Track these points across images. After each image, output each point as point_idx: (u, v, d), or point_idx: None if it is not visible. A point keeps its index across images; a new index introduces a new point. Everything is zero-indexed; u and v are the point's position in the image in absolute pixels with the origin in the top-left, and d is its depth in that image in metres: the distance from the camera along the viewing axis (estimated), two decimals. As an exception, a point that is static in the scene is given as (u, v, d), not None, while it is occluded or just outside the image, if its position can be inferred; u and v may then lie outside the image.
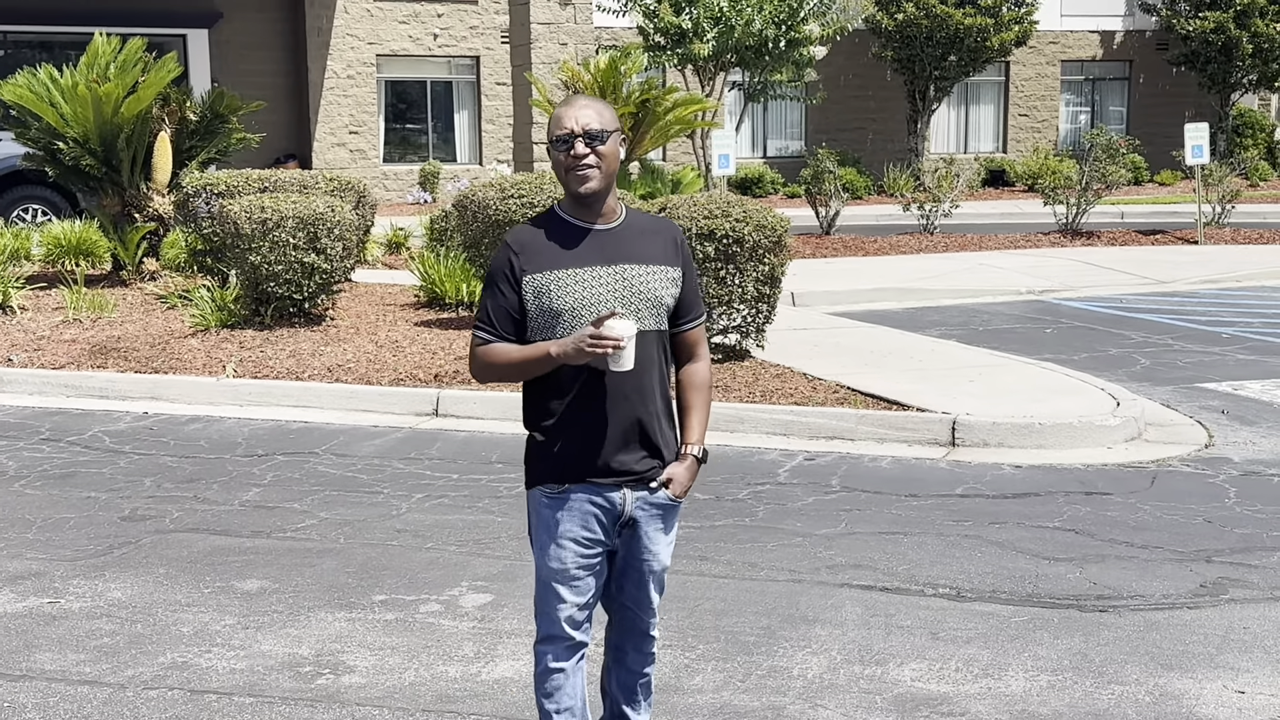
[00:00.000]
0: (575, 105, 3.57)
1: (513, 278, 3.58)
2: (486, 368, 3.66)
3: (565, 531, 3.63)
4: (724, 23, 19.35)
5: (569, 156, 3.52)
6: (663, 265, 3.63)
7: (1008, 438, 8.28)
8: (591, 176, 3.52)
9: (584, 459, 3.60)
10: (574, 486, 3.62)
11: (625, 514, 3.64)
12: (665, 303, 3.63)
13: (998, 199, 28.52)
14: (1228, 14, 31.10)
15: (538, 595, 3.73)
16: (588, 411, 3.57)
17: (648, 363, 3.58)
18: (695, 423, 3.72)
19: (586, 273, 3.56)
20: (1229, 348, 11.58)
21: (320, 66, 27.72)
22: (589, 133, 3.51)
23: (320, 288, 11.13)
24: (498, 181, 11.09)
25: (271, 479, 7.80)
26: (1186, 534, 6.57)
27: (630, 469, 3.62)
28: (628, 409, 3.58)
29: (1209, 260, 17.22)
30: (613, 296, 3.55)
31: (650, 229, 3.68)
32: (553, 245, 3.58)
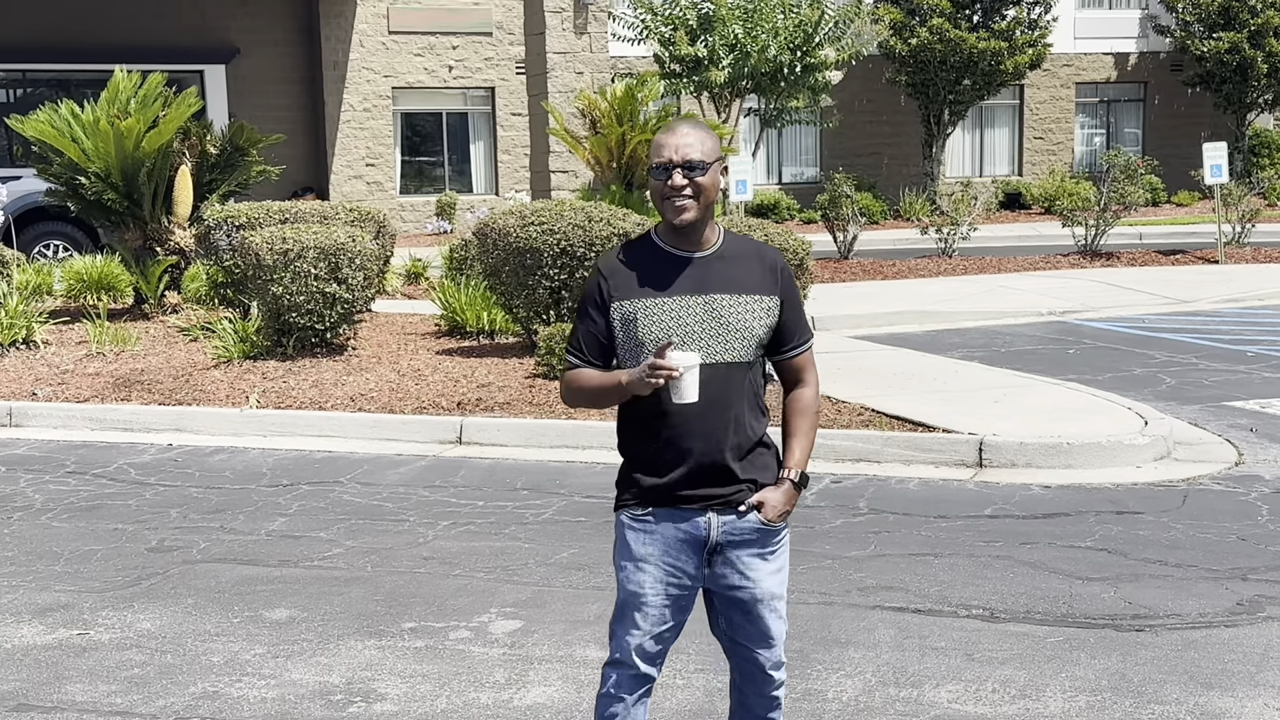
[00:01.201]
0: (677, 133, 3.52)
1: (601, 303, 3.56)
2: (570, 392, 3.66)
3: (646, 556, 3.57)
4: (739, 50, 19.41)
5: (666, 186, 3.49)
6: (757, 295, 3.56)
7: (1036, 458, 8.23)
8: (688, 208, 3.49)
9: (669, 485, 3.53)
10: (658, 511, 3.56)
11: (712, 540, 3.55)
12: (758, 333, 3.55)
13: (1014, 222, 28.48)
14: (1242, 34, 31.09)
15: (614, 617, 3.67)
16: (675, 439, 3.51)
17: (735, 394, 3.53)
18: (796, 447, 3.65)
19: (675, 302, 3.51)
20: (1254, 366, 11.51)
21: (336, 100, 27.87)
22: (688, 163, 3.47)
23: (342, 318, 11.14)
24: (517, 209, 11.10)
25: (297, 508, 7.79)
26: (1220, 552, 6.50)
27: (714, 494, 3.55)
28: (716, 439, 3.51)
29: (1230, 279, 17.15)
30: (700, 327, 3.50)
31: (747, 255, 3.61)
32: (643, 272, 3.55)
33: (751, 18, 19.38)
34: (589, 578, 6.39)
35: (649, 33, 20.01)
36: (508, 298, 11.20)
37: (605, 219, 10.86)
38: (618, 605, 3.65)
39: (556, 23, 18.26)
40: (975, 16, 29.18)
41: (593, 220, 10.81)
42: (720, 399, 3.51)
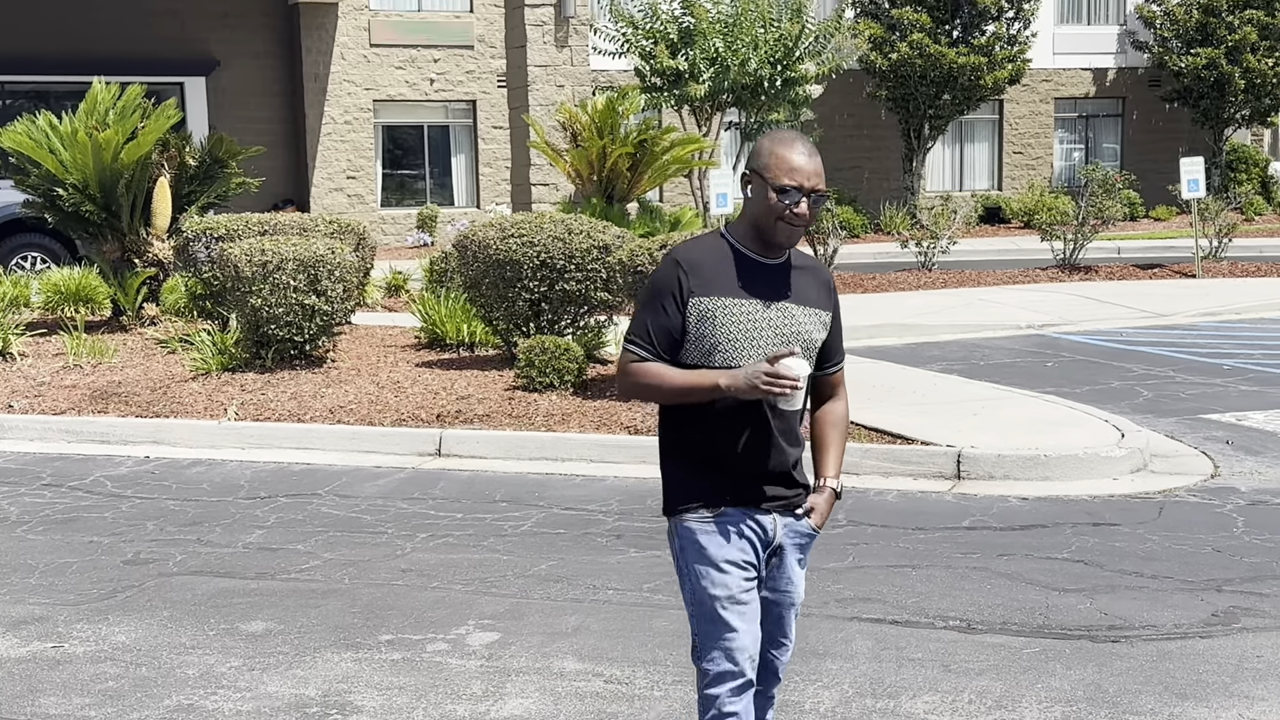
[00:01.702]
0: (809, 156, 3.49)
1: (679, 297, 3.49)
2: (639, 386, 3.54)
3: (728, 555, 3.53)
4: (720, 63, 19.47)
5: (791, 211, 3.46)
6: (817, 308, 3.59)
7: (1013, 470, 8.26)
8: (798, 235, 3.52)
9: (741, 487, 3.54)
10: (732, 511, 3.55)
11: (775, 540, 3.59)
12: (817, 344, 3.60)
13: (994, 236, 28.59)
14: (1219, 50, 31.31)
15: (702, 632, 3.56)
16: (745, 443, 3.51)
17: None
18: (833, 458, 3.70)
19: (751, 305, 3.50)
20: (1231, 379, 11.58)
21: (317, 112, 27.85)
22: (817, 193, 3.47)
23: (321, 330, 11.12)
24: (497, 221, 11.11)
25: (275, 521, 7.76)
26: (1196, 563, 6.53)
27: (779, 494, 3.58)
28: (781, 443, 3.54)
29: (1207, 293, 17.24)
30: (774, 334, 3.51)
31: (808, 268, 3.64)
32: (722, 271, 3.51)
33: (732, 31, 19.44)
34: (567, 590, 6.39)
35: (630, 46, 20.05)
36: (488, 310, 11.19)
37: (585, 231, 10.86)
38: (705, 617, 3.55)
39: (538, 36, 18.29)
40: (955, 32, 29.32)
41: (572, 233, 10.82)
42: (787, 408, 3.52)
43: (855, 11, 29.59)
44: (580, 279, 10.79)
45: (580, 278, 10.78)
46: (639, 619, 5.95)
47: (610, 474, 8.75)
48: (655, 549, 7.00)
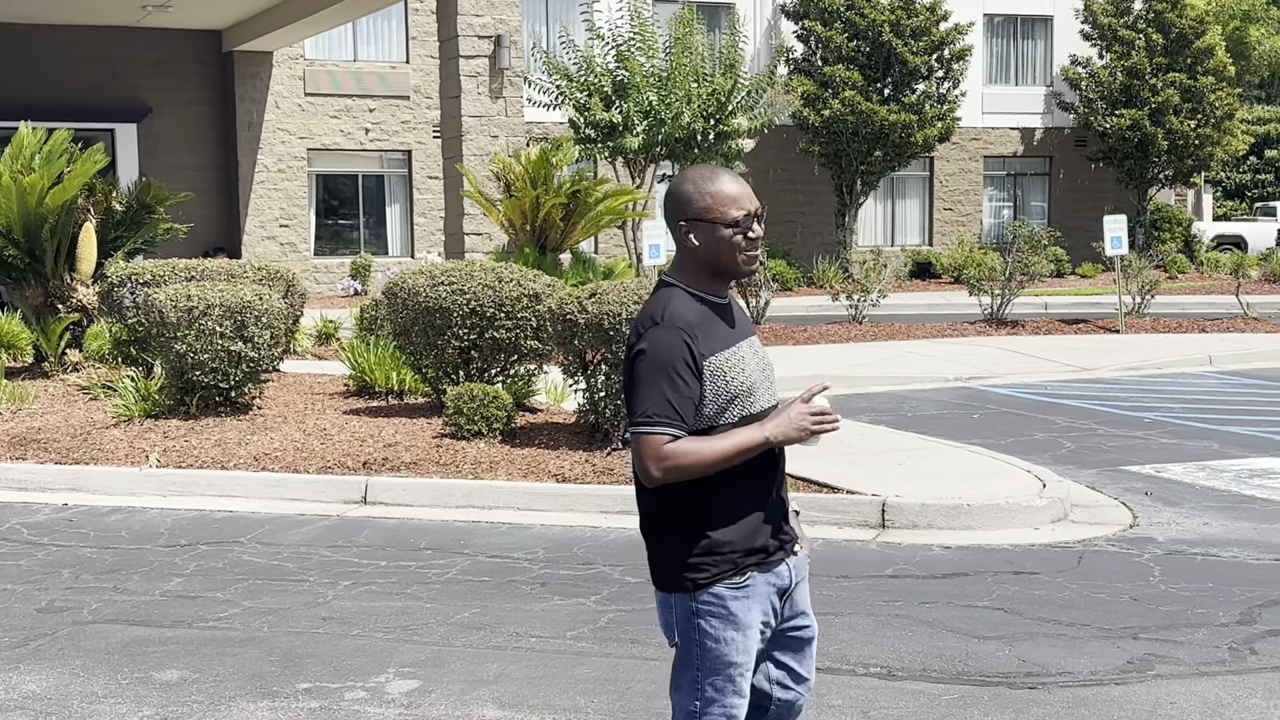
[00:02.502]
0: (739, 182, 3.41)
1: (694, 363, 3.30)
2: (682, 468, 3.27)
3: (753, 620, 3.42)
4: (654, 116, 19.64)
5: (748, 239, 3.37)
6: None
7: (937, 519, 8.32)
8: (759, 257, 3.44)
9: (760, 542, 3.43)
10: (752, 571, 3.42)
11: (791, 583, 3.51)
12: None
13: (925, 290, 28.96)
14: (1143, 112, 32.04)
15: (707, 699, 3.43)
16: (760, 494, 3.44)
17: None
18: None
19: (737, 350, 3.40)
20: (1151, 432, 11.76)
21: (250, 160, 27.73)
22: (757, 214, 3.40)
23: (247, 376, 11.02)
24: (428, 269, 11.09)
25: (194, 569, 7.65)
26: (1113, 612, 6.61)
27: (786, 536, 3.51)
28: (779, 481, 3.52)
29: (1130, 348, 17.54)
30: (759, 371, 3.46)
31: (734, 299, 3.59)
32: (707, 325, 3.37)
33: (666, 85, 19.64)
34: (490, 637, 6.34)
35: (564, 98, 20.18)
36: (417, 357, 11.15)
37: (516, 280, 10.88)
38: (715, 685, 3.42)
39: (472, 87, 18.36)
40: (886, 90, 29.80)
41: (503, 281, 10.83)
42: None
43: (789, 68, 30.01)
44: (510, 327, 10.79)
45: (510, 326, 10.78)
46: (561, 666, 5.92)
47: (537, 522, 8.72)
48: (580, 596, 6.98)
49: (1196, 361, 16.49)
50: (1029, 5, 34.33)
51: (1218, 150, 33.32)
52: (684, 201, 3.40)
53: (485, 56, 18.33)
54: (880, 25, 29.13)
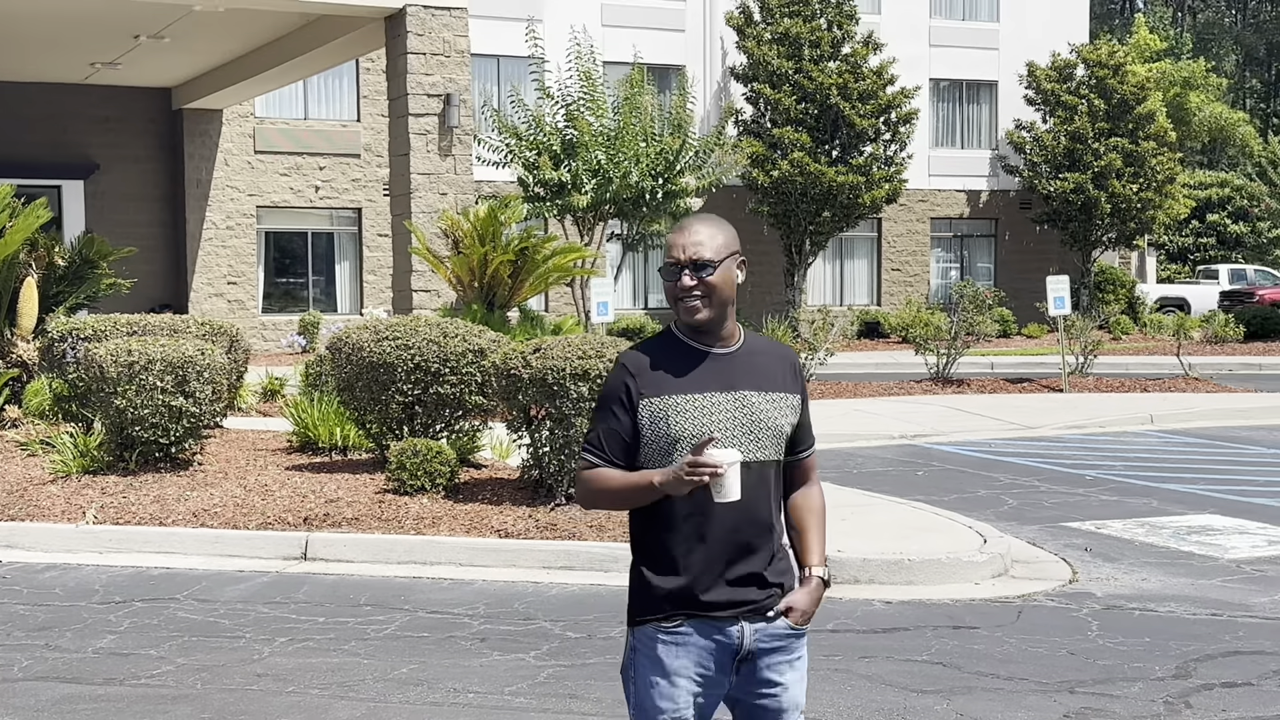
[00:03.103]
0: (686, 231, 3.43)
1: (628, 401, 3.41)
2: (591, 494, 3.45)
3: (681, 669, 3.39)
4: (602, 175, 19.77)
5: (676, 287, 3.40)
6: (783, 392, 3.47)
7: (878, 574, 8.34)
8: (700, 308, 3.40)
9: (701, 592, 3.38)
10: (691, 622, 3.39)
11: (745, 648, 3.41)
12: (785, 431, 3.46)
13: (873, 350, 29.17)
14: (1086, 175, 32.58)
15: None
16: (705, 543, 3.37)
17: (764, 492, 3.42)
18: (815, 544, 3.52)
19: (705, 399, 3.39)
20: (1092, 489, 11.86)
21: (199, 217, 27.64)
22: (696, 262, 3.38)
23: (188, 432, 10.91)
24: (372, 324, 11.06)
25: (128, 625, 7.54)
26: (1050, 666, 6.63)
27: (748, 599, 3.40)
28: (745, 539, 3.38)
29: (1073, 407, 17.72)
30: (734, 424, 3.39)
31: (768, 353, 3.51)
32: (670, 368, 3.41)
33: (614, 145, 19.79)
34: (427, 693, 6.28)
35: (514, 157, 20.29)
36: (361, 413, 11.09)
37: (460, 335, 10.86)
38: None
39: (421, 144, 18.43)
40: (834, 151, 30.16)
41: (448, 336, 10.81)
42: (754, 499, 3.38)
43: (739, 130, 30.32)
44: (455, 382, 10.76)
45: (455, 381, 10.76)
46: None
47: (479, 577, 8.67)
48: (519, 652, 6.94)
49: (1138, 420, 16.68)
50: (974, 70, 34.91)
51: (1160, 213, 33.89)
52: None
53: (434, 115, 18.42)
54: (828, 89, 29.52)
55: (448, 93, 18.44)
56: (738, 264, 3.47)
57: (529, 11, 28.29)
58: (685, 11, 31.80)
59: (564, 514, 9.58)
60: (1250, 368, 25.14)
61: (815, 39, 29.75)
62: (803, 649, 3.50)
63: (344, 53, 22.08)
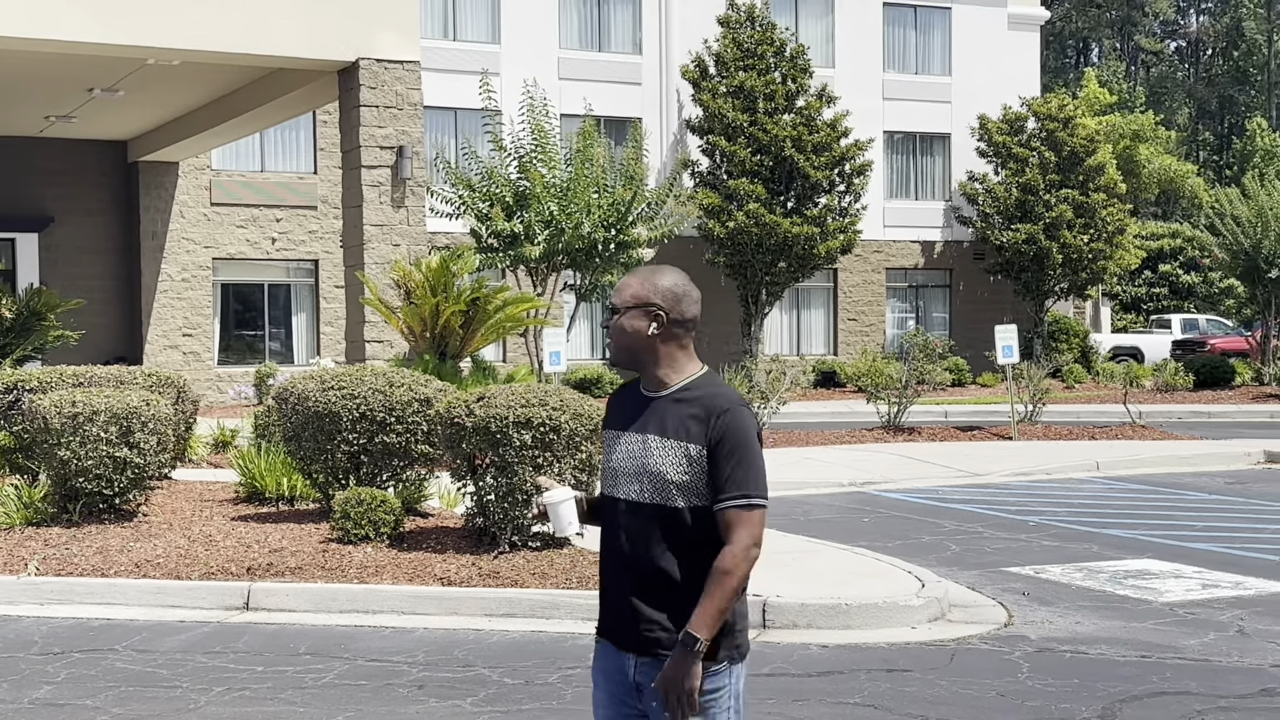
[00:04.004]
0: (627, 279, 3.73)
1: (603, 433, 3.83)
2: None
3: (596, 683, 3.76)
4: (555, 226, 19.92)
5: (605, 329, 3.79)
6: (680, 441, 3.54)
7: (816, 619, 8.42)
8: (622, 351, 3.69)
9: (602, 619, 3.73)
10: (600, 642, 3.75)
11: (632, 678, 3.64)
12: (669, 478, 3.53)
13: (829, 399, 29.35)
14: (1038, 226, 33.01)
15: None
16: (604, 575, 3.71)
17: (647, 535, 3.57)
18: (700, 607, 3.44)
19: (624, 436, 3.68)
20: (1035, 535, 12.00)
21: (154, 270, 27.60)
22: (614, 307, 3.69)
23: (132, 483, 10.91)
24: (318, 374, 11.11)
25: (65, 676, 7.52)
26: (979, 707, 6.72)
27: (632, 639, 3.61)
28: (625, 579, 3.61)
29: (1021, 454, 17.91)
30: (629, 465, 3.65)
31: (697, 400, 3.58)
32: (621, 408, 3.76)
33: (566, 196, 19.96)
34: (360, 741, 6.30)
35: (466, 208, 20.43)
36: (307, 463, 11.11)
37: (407, 385, 10.93)
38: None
39: (374, 196, 18.54)
40: (789, 203, 30.46)
41: (394, 386, 10.88)
42: (634, 539, 3.58)
43: (694, 181, 30.60)
44: (401, 431, 10.81)
45: (401, 430, 10.81)
46: (429, 768, 5.90)
47: (421, 625, 8.69)
48: (457, 698, 6.97)
49: (1084, 467, 16.87)
50: (927, 123, 35.39)
51: (1110, 264, 34.34)
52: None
53: (387, 167, 18.55)
54: (783, 140, 29.85)
55: (400, 144, 18.58)
56: (650, 316, 3.61)
57: (485, 65, 28.54)
58: (642, 65, 32.15)
59: (507, 561, 9.62)
60: (1199, 415, 25.46)
61: (770, 92, 30.12)
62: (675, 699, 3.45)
63: (299, 106, 22.21)
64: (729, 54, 30.35)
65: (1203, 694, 6.95)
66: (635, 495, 3.58)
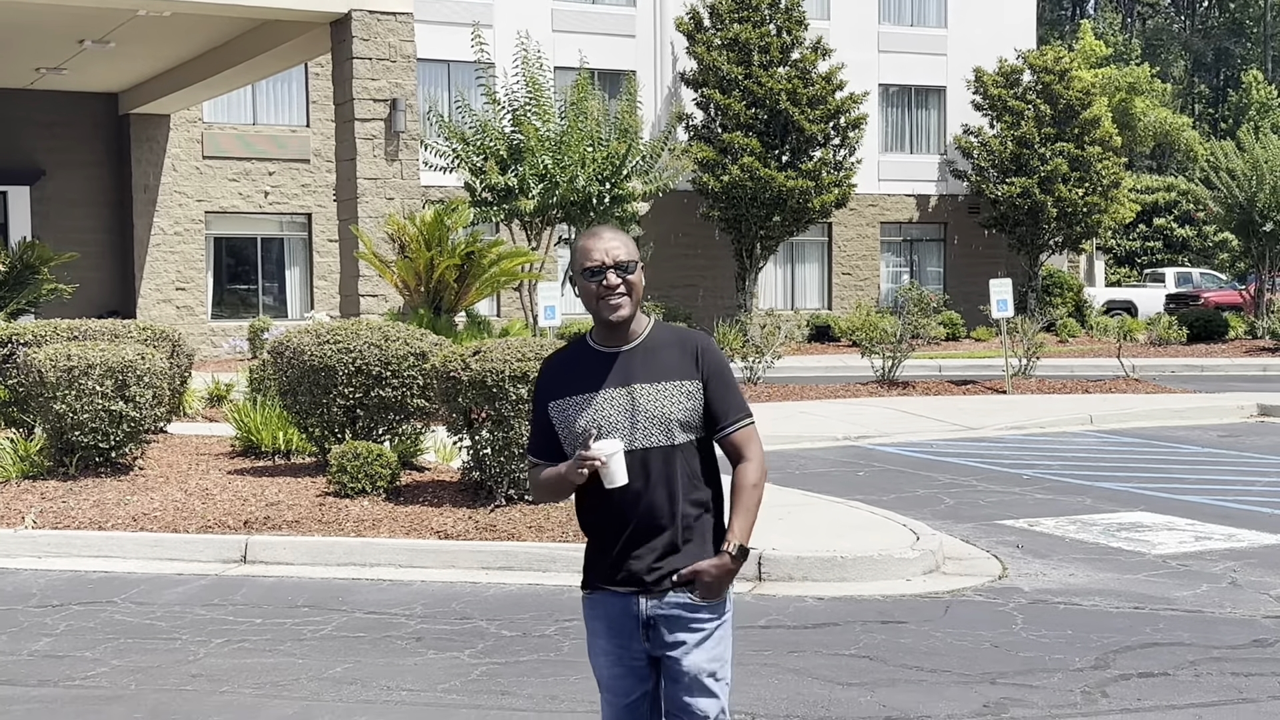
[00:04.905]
0: (602, 238, 3.76)
1: (540, 403, 3.85)
2: (534, 488, 3.92)
3: (596, 631, 3.85)
4: (549, 180, 19.84)
5: (601, 287, 3.72)
6: (676, 380, 3.74)
7: (811, 571, 8.46)
8: (623, 305, 3.73)
9: (606, 567, 3.79)
10: (599, 593, 3.81)
11: (644, 616, 3.76)
12: (675, 418, 3.72)
13: (824, 353, 29.38)
14: (1033, 180, 32.95)
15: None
16: (609, 523, 3.75)
17: (659, 478, 3.71)
18: (736, 522, 3.77)
19: (601, 395, 3.73)
20: (1029, 488, 12.05)
21: (146, 223, 27.49)
22: (619, 264, 3.72)
23: (128, 436, 10.91)
24: (314, 328, 11.09)
25: (64, 628, 7.56)
26: (974, 658, 6.77)
27: (642, 579, 3.74)
28: (643, 521, 3.72)
29: (1015, 408, 17.95)
30: (622, 417, 3.71)
31: (668, 343, 3.80)
32: (575, 371, 3.80)
33: (561, 149, 19.86)
34: (360, 691, 6.34)
35: (460, 162, 20.33)
36: (302, 416, 11.12)
37: (402, 339, 10.92)
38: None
39: (368, 149, 18.45)
40: (784, 156, 30.36)
41: (389, 339, 10.86)
42: (648, 485, 3.71)
43: (689, 134, 30.47)
44: (397, 385, 10.81)
45: (397, 384, 10.81)
46: (430, 718, 5.94)
47: (418, 578, 8.72)
48: (454, 650, 7.01)
49: (1078, 421, 16.92)
50: (922, 76, 35.24)
51: (1105, 217, 34.32)
52: (571, 257, 3.89)
53: (381, 120, 18.44)
54: (777, 94, 29.72)
55: (394, 97, 18.47)
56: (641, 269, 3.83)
57: (478, 17, 28.34)
58: (636, 17, 31.95)
59: (504, 515, 9.65)
60: (1192, 369, 25.53)
61: (765, 45, 29.95)
62: (710, 620, 3.78)
63: (290, 58, 22.06)
64: (723, 5, 30.16)
65: (1196, 645, 7.00)
66: (639, 443, 3.71)
